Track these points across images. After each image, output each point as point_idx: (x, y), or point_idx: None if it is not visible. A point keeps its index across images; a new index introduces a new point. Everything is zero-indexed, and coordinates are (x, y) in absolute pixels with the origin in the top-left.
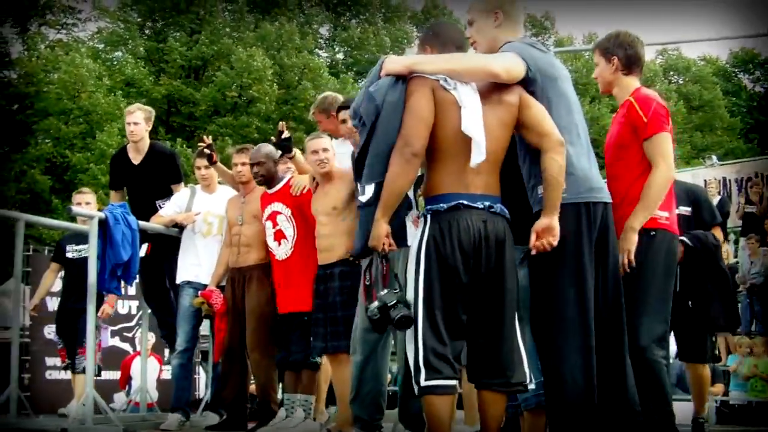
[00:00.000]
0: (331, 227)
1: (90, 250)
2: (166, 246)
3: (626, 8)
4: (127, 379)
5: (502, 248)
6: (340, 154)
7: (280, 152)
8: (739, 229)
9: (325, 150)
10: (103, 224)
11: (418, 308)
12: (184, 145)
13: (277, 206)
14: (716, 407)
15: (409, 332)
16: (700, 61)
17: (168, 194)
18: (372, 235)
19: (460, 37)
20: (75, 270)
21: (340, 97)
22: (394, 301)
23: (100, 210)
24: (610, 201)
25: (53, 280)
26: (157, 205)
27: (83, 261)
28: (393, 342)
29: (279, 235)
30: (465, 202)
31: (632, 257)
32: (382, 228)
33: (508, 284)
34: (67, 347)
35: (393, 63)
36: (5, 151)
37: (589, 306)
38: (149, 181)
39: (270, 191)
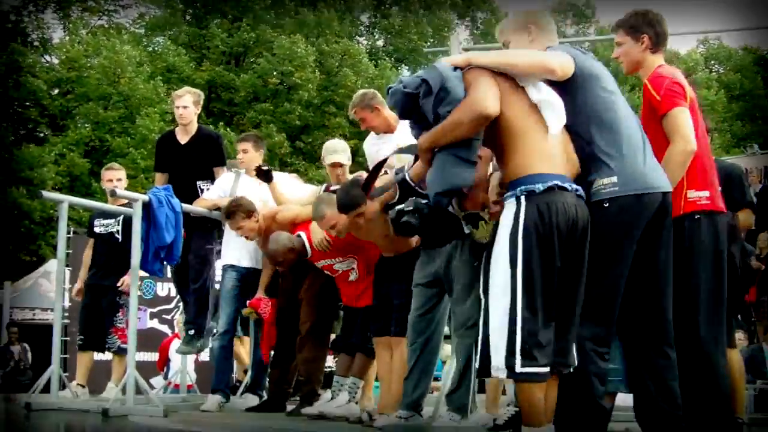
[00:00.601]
0: (392, 244)
1: (134, 233)
2: (194, 223)
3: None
4: (165, 362)
5: (586, 234)
6: (378, 151)
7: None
8: None
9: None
10: (147, 207)
11: (517, 292)
12: (227, 129)
13: (325, 262)
14: (754, 395)
15: (500, 314)
16: (741, 50)
17: (210, 177)
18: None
19: None
20: (101, 245)
21: (378, 93)
22: (411, 208)
23: (133, 189)
24: (668, 190)
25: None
26: (198, 187)
27: (109, 236)
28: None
29: (342, 276)
30: (559, 183)
31: None
32: (426, 157)
33: (585, 270)
34: (82, 324)
35: (451, 58)
36: (45, 134)
37: (612, 297)
38: (193, 162)
39: (306, 258)
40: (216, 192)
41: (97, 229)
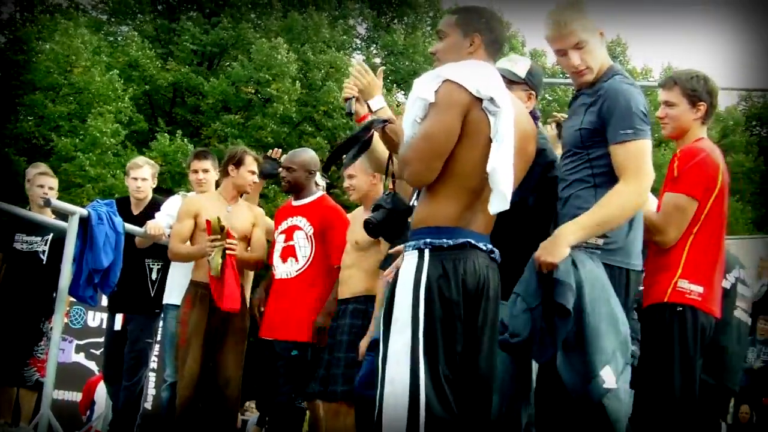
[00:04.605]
0: (352, 258)
1: (66, 251)
2: (136, 305)
3: (709, 44)
4: (89, 404)
5: (497, 303)
6: None
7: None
8: None
9: (350, 176)
10: (84, 222)
11: (419, 361)
12: (185, 140)
13: (300, 221)
14: None
15: (400, 387)
16: None
17: (159, 256)
18: None
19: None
20: (19, 265)
21: None
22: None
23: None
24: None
25: None
26: (147, 265)
27: (31, 255)
28: None
29: (288, 252)
30: (472, 241)
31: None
32: None
33: (495, 347)
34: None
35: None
36: None
37: None
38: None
39: (296, 203)
40: (164, 219)
41: (17, 246)
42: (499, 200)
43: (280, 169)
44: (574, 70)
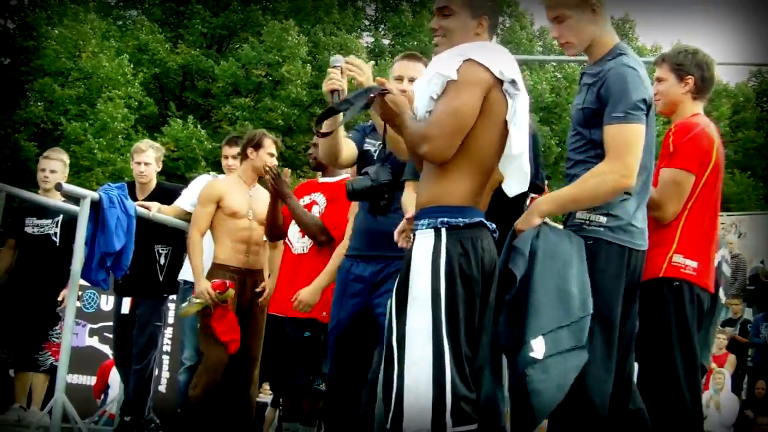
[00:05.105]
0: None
1: (78, 234)
2: (145, 288)
3: (719, 19)
4: (103, 388)
5: (495, 281)
6: None
7: None
8: None
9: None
10: (96, 206)
11: (443, 340)
12: (198, 125)
13: (318, 197)
14: None
15: (423, 366)
16: None
17: (168, 241)
18: None
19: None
20: (32, 249)
21: None
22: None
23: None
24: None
25: (11, 260)
26: (156, 251)
27: (43, 238)
28: None
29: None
30: (484, 221)
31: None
32: None
33: (491, 323)
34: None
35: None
36: None
37: None
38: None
39: (321, 180)
40: (188, 199)
41: (28, 230)
42: (521, 182)
43: (311, 146)
44: (558, 42)
